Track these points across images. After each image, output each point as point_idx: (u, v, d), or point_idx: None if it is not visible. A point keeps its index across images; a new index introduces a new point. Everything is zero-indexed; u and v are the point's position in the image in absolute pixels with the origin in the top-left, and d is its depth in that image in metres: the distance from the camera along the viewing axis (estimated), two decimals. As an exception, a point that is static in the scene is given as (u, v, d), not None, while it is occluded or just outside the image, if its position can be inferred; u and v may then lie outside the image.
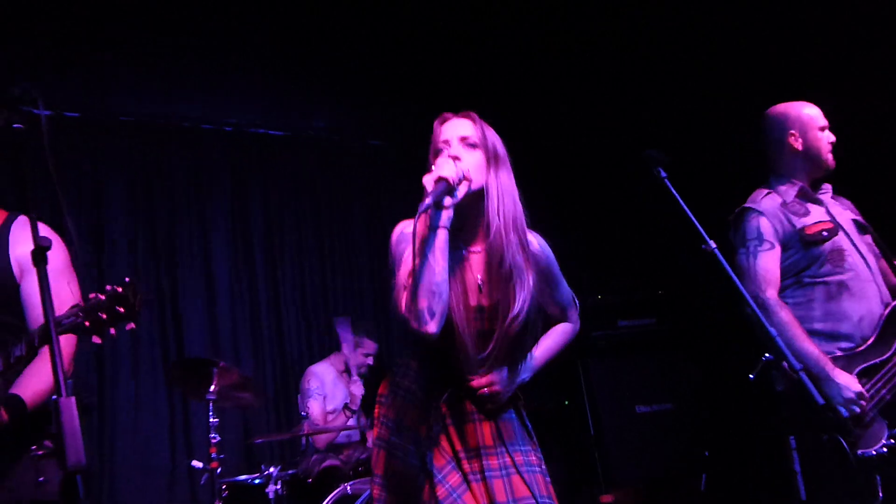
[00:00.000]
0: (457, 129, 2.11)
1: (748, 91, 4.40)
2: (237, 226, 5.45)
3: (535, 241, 2.21)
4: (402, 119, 5.50)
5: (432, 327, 1.91)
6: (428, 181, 1.95)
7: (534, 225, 2.20)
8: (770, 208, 2.92)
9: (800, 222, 2.90)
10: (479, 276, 2.09)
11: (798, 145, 2.99)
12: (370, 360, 4.59)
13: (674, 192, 2.59)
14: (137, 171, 5.17)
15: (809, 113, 3.03)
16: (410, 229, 2.02)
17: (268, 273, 5.49)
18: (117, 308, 1.92)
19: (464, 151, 2.07)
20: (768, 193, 2.98)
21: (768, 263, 2.86)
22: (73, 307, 1.94)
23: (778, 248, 2.89)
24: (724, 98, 4.79)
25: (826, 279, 2.83)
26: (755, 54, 4.57)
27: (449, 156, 2.04)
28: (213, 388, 3.75)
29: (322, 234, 5.76)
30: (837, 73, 4.23)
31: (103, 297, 1.93)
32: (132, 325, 1.94)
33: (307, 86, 5.26)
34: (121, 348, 4.83)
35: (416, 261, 1.92)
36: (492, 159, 2.09)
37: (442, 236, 1.95)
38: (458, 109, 2.22)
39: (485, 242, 2.09)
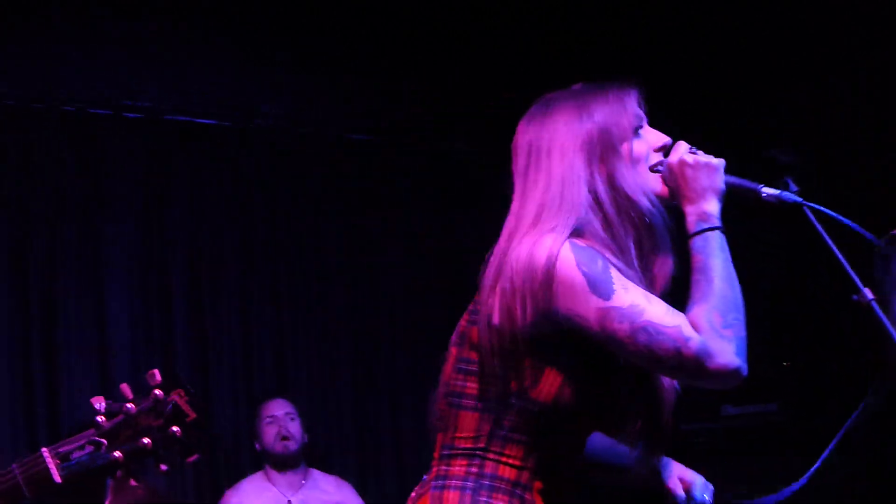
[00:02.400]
0: (641, 109, 2.25)
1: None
2: (145, 258, 5.51)
3: None
4: (397, 108, 5.71)
5: (746, 366, 1.99)
6: (721, 167, 2.13)
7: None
8: None
9: None
10: None
11: None
12: (289, 427, 4.98)
13: (809, 214, 2.56)
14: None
15: None
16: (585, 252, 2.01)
17: (191, 331, 5.53)
18: (169, 428, 1.84)
19: None
20: None
21: None
22: (77, 435, 1.85)
23: None
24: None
25: None
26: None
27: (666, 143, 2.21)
28: (105, 509, 3.72)
29: (276, 266, 5.85)
30: None
31: (135, 408, 1.83)
32: (195, 457, 1.89)
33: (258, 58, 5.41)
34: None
35: (721, 266, 2.05)
36: None
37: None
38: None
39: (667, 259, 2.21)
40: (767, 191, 2.14)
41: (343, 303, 5.94)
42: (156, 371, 1.89)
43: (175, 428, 1.87)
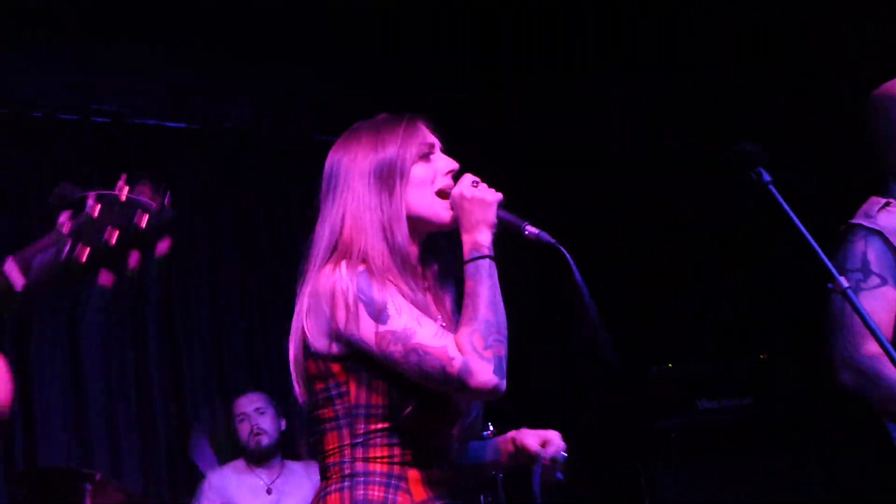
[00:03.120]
0: (432, 134, 2.44)
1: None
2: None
3: None
4: (362, 108, 5.68)
5: (504, 383, 2.18)
6: (496, 201, 2.30)
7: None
8: (890, 226, 2.96)
9: None
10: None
11: None
12: (260, 422, 5.09)
13: (785, 206, 2.58)
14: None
15: None
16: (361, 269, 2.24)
17: (163, 331, 5.54)
18: (133, 219, 1.76)
19: None
20: (886, 205, 3.03)
21: (874, 307, 2.87)
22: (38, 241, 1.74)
23: (892, 287, 2.93)
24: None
25: None
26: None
27: (453, 169, 2.38)
28: (82, 513, 3.71)
29: (247, 268, 5.88)
30: None
31: (98, 207, 1.74)
32: (166, 244, 1.81)
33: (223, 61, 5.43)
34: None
35: (487, 292, 2.22)
36: None
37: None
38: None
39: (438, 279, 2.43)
40: (530, 229, 2.29)
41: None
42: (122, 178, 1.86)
43: (141, 218, 1.81)
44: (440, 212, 2.32)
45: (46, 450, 5.01)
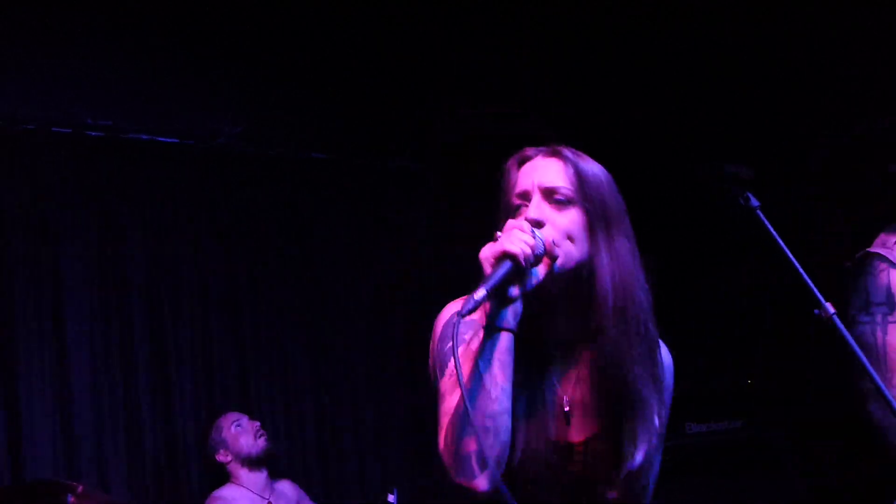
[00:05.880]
0: (540, 175, 2.07)
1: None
2: (105, 277, 5.47)
3: (664, 353, 2.17)
4: (357, 125, 5.87)
5: (482, 482, 1.87)
6: (485, 258, 1.92)
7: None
8: None
9: None
10: (565, 397, 2.08)
11: None
12: (256, 424, 5.09)
13: (772, 231, 2.57)
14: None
15: None
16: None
17: (152, 347, 5.52)
18: None
19: (550, 211, 2.04)
20: None
21: None
22: None
23: None
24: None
25: None
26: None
27: (526, 218, 2.00)
28: (66, 526, 3.69)
29: (236, 286, 5.86)
30: None
31: None
32: None
33: (216, 76, 5.44)
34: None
35: (465, 380, 1.88)
36: (598, 220, 2.06)
37: (504, 343, 1.92)
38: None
39: (580, 344, 2.08)
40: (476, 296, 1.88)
41: (302, 316, 6.02)
42: None
43: None
44: None
45: (32, 462, 4.99)
